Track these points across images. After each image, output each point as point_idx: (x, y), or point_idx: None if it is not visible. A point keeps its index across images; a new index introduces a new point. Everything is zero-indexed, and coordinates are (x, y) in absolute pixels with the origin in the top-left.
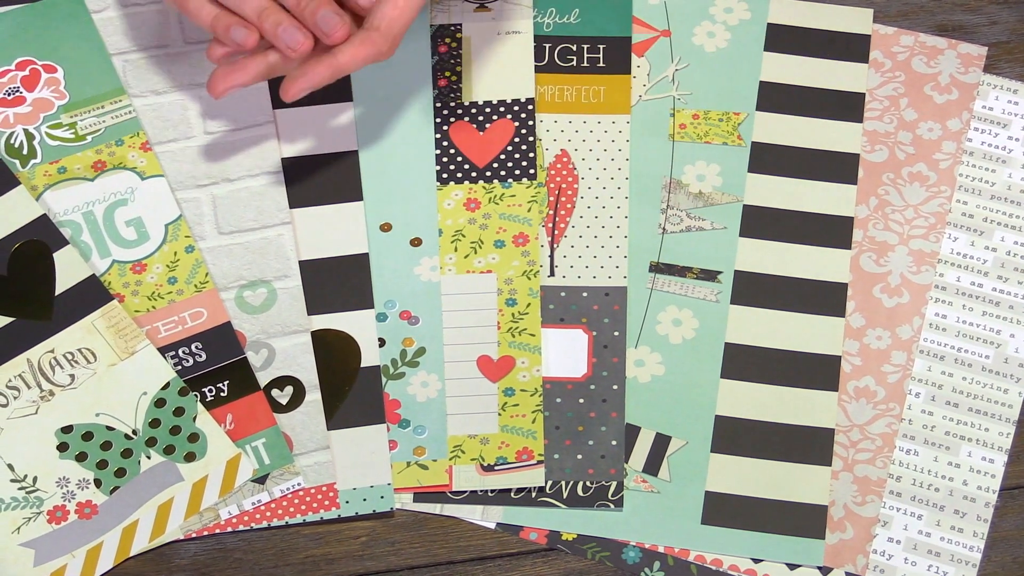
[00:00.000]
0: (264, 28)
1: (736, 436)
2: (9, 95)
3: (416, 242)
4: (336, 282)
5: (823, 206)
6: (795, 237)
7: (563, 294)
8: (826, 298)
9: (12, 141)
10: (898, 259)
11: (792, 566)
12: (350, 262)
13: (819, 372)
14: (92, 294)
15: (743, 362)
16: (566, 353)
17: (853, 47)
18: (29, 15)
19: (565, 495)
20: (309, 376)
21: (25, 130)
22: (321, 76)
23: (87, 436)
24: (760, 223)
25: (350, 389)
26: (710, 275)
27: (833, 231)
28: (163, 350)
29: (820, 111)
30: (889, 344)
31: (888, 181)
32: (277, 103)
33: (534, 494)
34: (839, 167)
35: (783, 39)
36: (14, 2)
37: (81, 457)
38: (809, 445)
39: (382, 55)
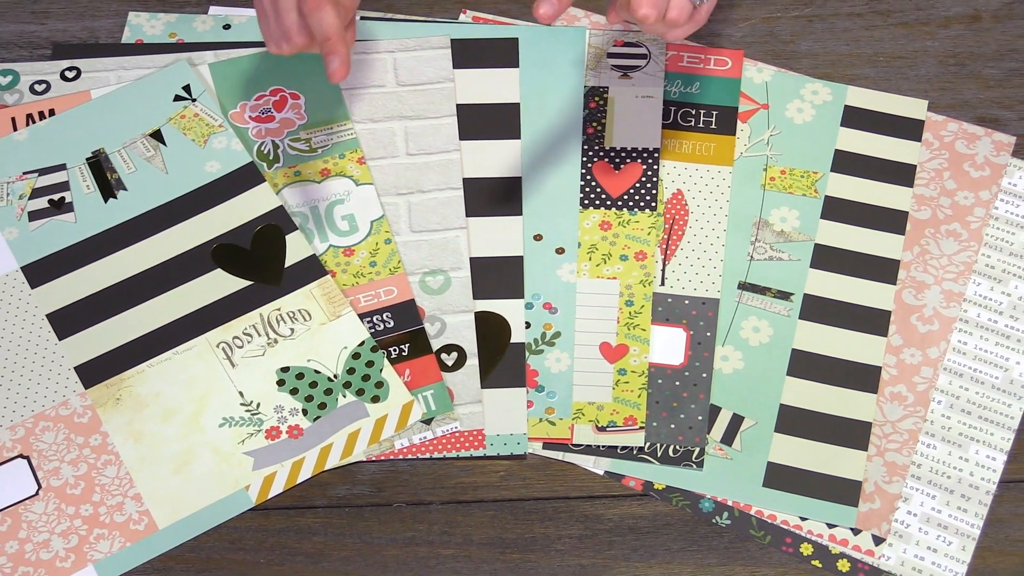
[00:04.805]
0: None
1: (795, 421)
2: (263, 114)
3: (560, 251)
4: (496, 276)
5: (877, 250)
6: (853, 272)
7: (670, 300)
8: (873, 321)
9: (262, 149)
10: (932, 296)
11: (831, 525)
12: (508, 262)
13: (864, 378)
14: (312, 269)
15: (805, 365)
16: (668, 346)
17: (910, 129)
18: (282, 55)
19: (659, 455)
20: (470, 346)
21: (272, 141)
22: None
23: (299, 376)
24: (827, 258)
25: (501, 359)
26: (785, 295)
27: (883, 270)
28: (362, 316)
29: (880, 176)
30: (920, 361)
31: (929, 235)
32: (463, 135)
33: (635, 451)
34: (891, 220)
35: (856, 118)
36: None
37: (294, 391)
38: (851, 433)
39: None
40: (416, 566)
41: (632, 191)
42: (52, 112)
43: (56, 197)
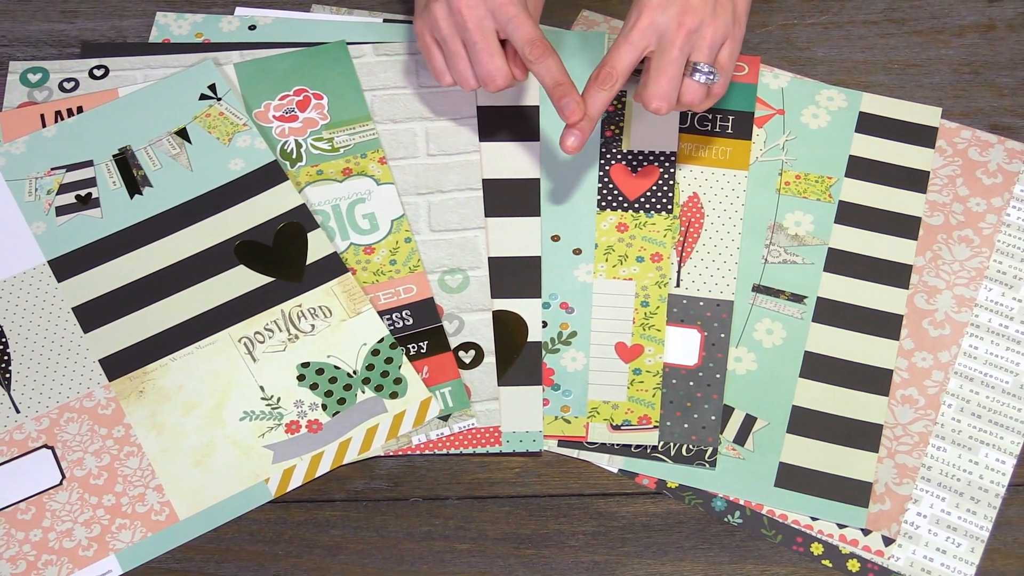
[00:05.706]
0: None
1: (807, 422)
2: (286, 114)
3: (577, 251)
4: (514, 276)
5: (890, 254)
6: (866, 276)
7: (685, 301)
8: (886, 325)
9: (286, 147)
10: (944, 300)
11: (841, 526)
12: (526, 262)
13: (875, 380)
14: (333, 266)
15: (817, 367)
16: (683, 346)
17: (924, 136)
18: (306, 56)
19: (672, 453)
20: (488, 344)
21: (295, 140)
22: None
23: (319, 371)
24: (840, 262)
25: (517, 357)
26: (798, 298)
27: (896, 274)
28: (381, 313)
29: (894, 182)
30: (931, 364)
31: (941, 240)
32: (483, 137)
33: (648, 450)
34: (904, 226)
35: (870, 124)
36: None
37: (314, 387)
38: (862, 435)
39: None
40: (432, 560)
41: (649, 194)
42: (80, 109)
43: (83, 193)
